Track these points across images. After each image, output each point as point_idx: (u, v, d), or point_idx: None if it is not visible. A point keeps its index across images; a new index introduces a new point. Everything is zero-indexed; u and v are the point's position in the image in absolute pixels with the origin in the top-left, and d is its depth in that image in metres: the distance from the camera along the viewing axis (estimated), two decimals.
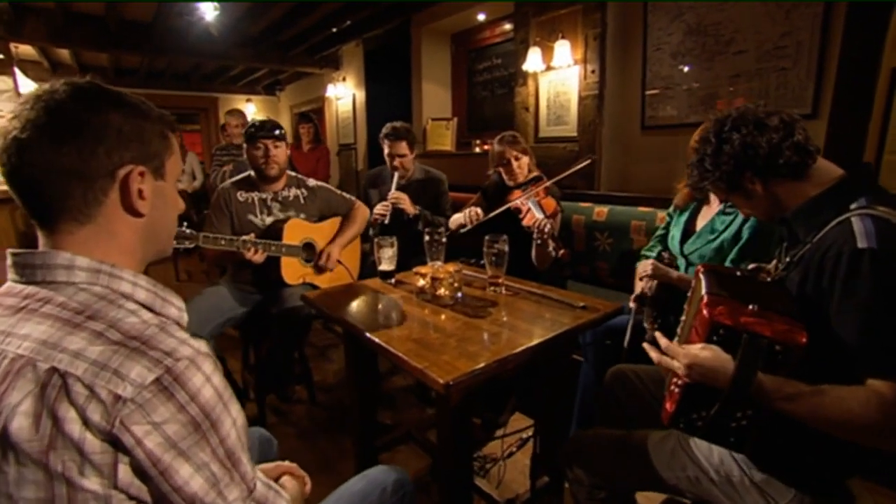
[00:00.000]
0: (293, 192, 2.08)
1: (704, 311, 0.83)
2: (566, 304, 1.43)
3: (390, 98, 4.59)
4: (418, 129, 4.18)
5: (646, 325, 1.41)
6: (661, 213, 2.16)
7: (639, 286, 1.54)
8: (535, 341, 1.20)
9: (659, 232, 1.78)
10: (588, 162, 1.97)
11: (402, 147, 2.40)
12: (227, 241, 1.82)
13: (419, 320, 1.33)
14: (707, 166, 0.97)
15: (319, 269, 2.07)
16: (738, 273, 0.96)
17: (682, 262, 1.60)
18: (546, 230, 1.74)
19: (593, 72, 2.64)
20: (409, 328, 1.29)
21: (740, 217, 1.46)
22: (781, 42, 2.05)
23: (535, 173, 2.18)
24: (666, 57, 2.44)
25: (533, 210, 1.92)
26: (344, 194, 2.26)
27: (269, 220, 2.05)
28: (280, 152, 2.01)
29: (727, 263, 1.45)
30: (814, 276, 0.84)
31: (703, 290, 0.86)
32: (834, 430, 0.79)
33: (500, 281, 1.56)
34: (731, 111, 0.97)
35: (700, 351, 0.84)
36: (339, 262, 2.14)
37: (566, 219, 2.39)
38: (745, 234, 1.44)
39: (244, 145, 2.06)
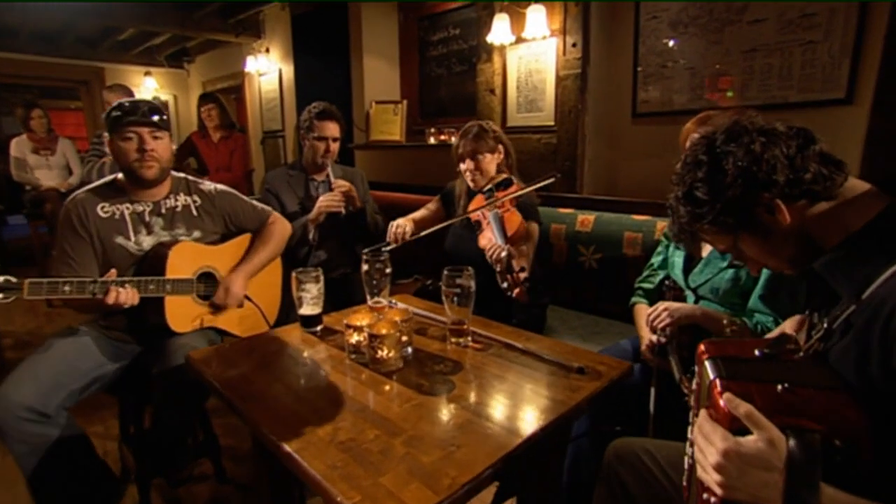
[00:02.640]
0: (181, 200, 1.84)
1: (720, 402, 0.73)
2: (556, 366, 1.28)
3: (325, 75, 4.40)
4: (359, 114, 4.11)
5: (682, 385, 1.26)
6: (662, 223, 2.11)
7: (647, 335, 1.47)
8: (517, 441, 0.98)
9: (656, 257, 1.75)
10: (551, 180, 1.81)
11: (335, 128, 2.35)
12: (75, 287, 1.46)
13: (351, 403, 1.13)
14: (700, 198, 0.86)
15: (216, 308, 1.81)
16: (757, 352, 0.83)
17: (690, 296, 1.54)
18: (498, 258, 1.59)
19: (574, 45, 2.56)
20: (334, 421, 1.05)
21: None
22: (809, 9, 1.96)
23: (504, 175, 2.04)
24: (664, 27, 2.38)
25: (492, 226, 1.78)
26: (255, 203, 2.02)
27: (147, 241, 1.75)
28: (161, 146, 1.71)
29: (754, 301, 1.39)
30: (880, 351, 0.73)
31: (711, 376, 0.78)
32: None
33: (464, 328, 1.41)
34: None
35: (748, 444, 0.71)
36: (247, 298, 1.88)
37: (542, 230, 2.26)
38: None
39: (105, 136, 1.71)
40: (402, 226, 1.98)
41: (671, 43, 2.38)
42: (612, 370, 1.25)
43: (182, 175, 1.89)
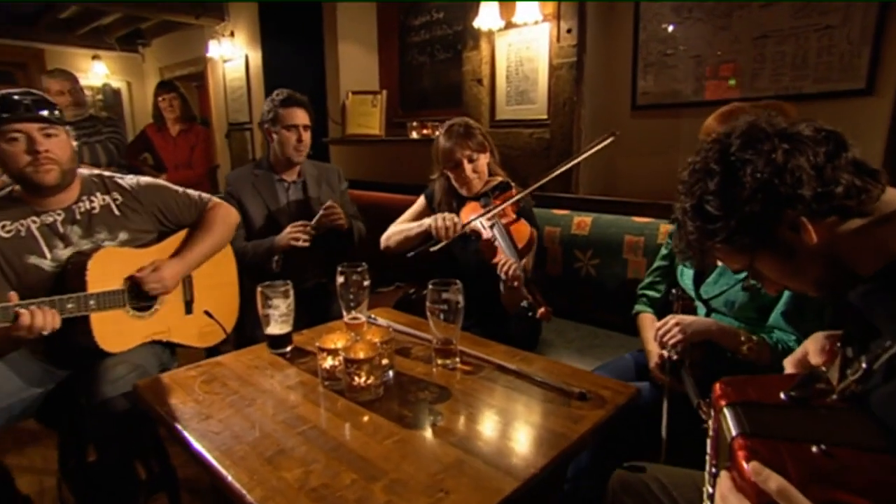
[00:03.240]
0: (98, 201, 1.73)
1: (745, 469, 0.66)
2: (555, 390, 1.25)
3: (296, 62, 4.29)
4: (335, 106, 4.06)
5: (701, 410, 1.20)
6: (665, 226, 2.10)
7: (655, 351, 1.46)
8: (513, 485, 0.93)
9: (659, 262, 1.75)
10: (609, 140, 1.81)
11: (304, 115, 2.30)
12: None
13: (324, 440, 1.07)
14: (711, 213, 0.83)
15: (142, 305, 1.71)
16: (782, 394, 0.78)
17: (701, 307, 1.54)
18: (514, 276, 1.61)
19: (569, 31, 2.54)
20: (305, 463, 1.00)
21: None
22: None
23: (500, 178, 2.03)
24: (666, 11, 2.36)
25: (497, 241, 1.78)
26: (191, 192, 1.93)
27: (66, 253, 1.65)
28: (57, 144, 1.60)
29: (775, 318, 1.38)
30: None
31: (733, 431, 0.72)
32: None
33: (452, 348, 1.38)
34: (733, 126, 0.86)
35: None
36: (206, 314, 1.83)
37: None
38: None
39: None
40: (450, 218, 1.85)
41: (674, 29, 2.37)
42: (618, 395, 1.22)
43: (94, 172, 1.81)
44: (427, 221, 1.90)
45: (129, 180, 1.83)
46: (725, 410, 0.76)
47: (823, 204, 0.77)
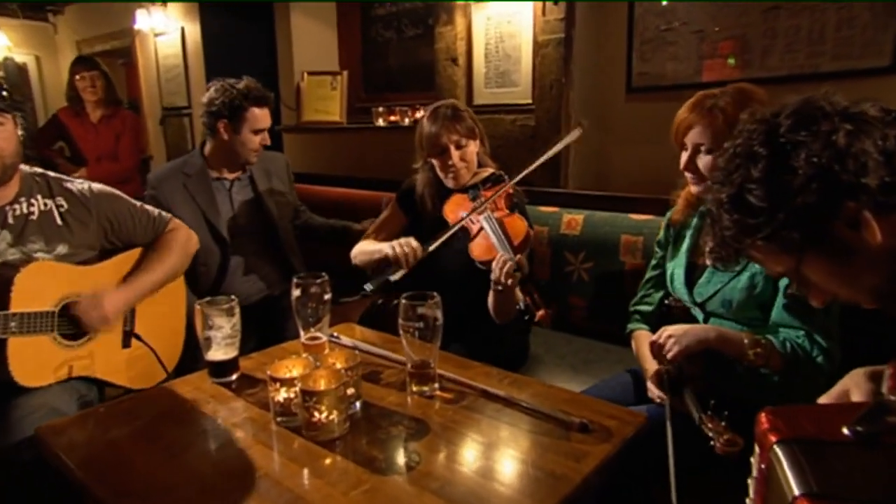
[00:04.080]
0: (38, 205, 1.71)
1: None
2: (552, 420, 1.22)
3: (242, 37, 4.27)
4: (288, 88, 4.04)
5: (704, 426, 1.23)
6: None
7: (652, 368, 1.49)
8: None
9: (650, 273, 1.77)
10: (577, 134, 1.85)
11: (268, 113, 2.29)
12: None
13: (278, 491, 1.02)
14: (754, 204, 0.82)
15: (72, 333, 1.67)
16: (846, 430, 0.73)
17: (697, 313, 1.56)
18: (509, 274, 1.62)
19: (556, 3, 2.54)
20: None
21: None
22: None
23: (491, 170, 2.05)
24: None
25: (489, 237, 1.78)
26: (148, 208, 1.92)
27: None
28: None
29: (778, 313, 1.39)
30: None
31: (795, 490, 0.66)
32: None
33: (430, 372, 1.36)
34: (781, 104, 0.85)
35: None
36: (136, 337, 1.78)
37: None
38: None
39: None
40: (407, 244, 1.84)
41: (677, 1, 2.38)
42: (625, 426, 1.20)
43: (38, 171, 1.76)
44: (384, 250, 1.91)
45: (78, 185, 1.79)
46: (778, 450, 0.71)
47: (892, 196, 0.75)
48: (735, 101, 1.36)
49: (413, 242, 1.85)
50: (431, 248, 1.83)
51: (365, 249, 2.04)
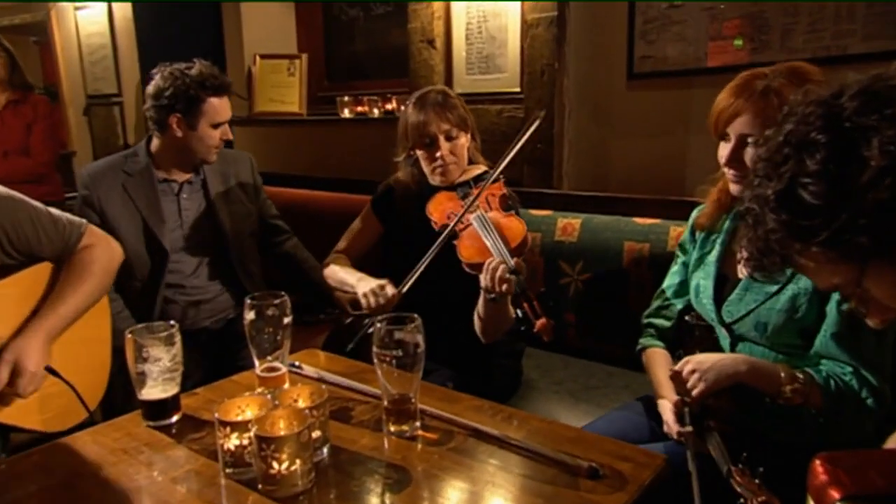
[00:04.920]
0: None
1: None
2: (555, 465, 1.21)
3: (181, 14, 4.21)
4: (237, 74, 3.98)
5: (733, 480, 1.20)
6: (678, 228, 2.14)
7: (669, 401, 1.48)
8: None
9: (670, 279, 1.77)
10: (535, 125, 1.92)
11: (228, 103, 2.29)
12: None
13: None
14: (810, 202, 0.82)
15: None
16: None
17: (723, 335, 1.56)
18: (504, 279, 1.64)
19: None
20: None
21: None
22: None
23: (483, 167, 2.11)
24: None
25: (481, 237, 1.81)
26: (57, 213, 1.88)
27: None
28: None
29: (824, 343, 1.38)
30: None
31: None
32: None
33: (410, 408, 1.34)
34: (842, 84, 0.85)
35: None
36: (50, 371, 1.74)
37: None
38: None
39: None
40: (381, 293, 1.87)
41: None
42: (642, 469, 1.18)
43: None
44: (357, 290, 1.94)
45: None
46: None
47: None
48: (791, 83, 1.34)
49: (388, 289, 1.88)
50: (406, 287, 1.87)
51: (338, 277, 2.08)
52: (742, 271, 1.53)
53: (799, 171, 0.83)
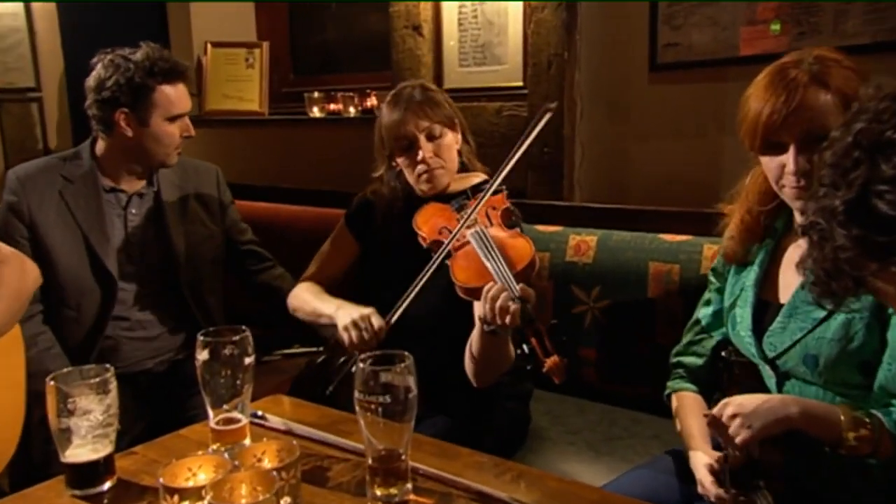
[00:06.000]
0: None
1: None
2: None
3: None
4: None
5: None
6: (712, 246, 2.13)
7: (706, 455, 1.49)
8: None
9: (703, 308, 1.77)
10: (546, 117, 1.93)
11: (186, 92, 2.31)
12: None
13: None
14: (887, 214, 0.83)
15: None
16: None
17: (767, 373, 1.55)
18: (506, 309, 1.62)
19: None
20: None
21: None
22: None
23: (483, 175, 2.13)
24: None
25: (479, 257, 1.79)
26: None
27: None
28: None
29: (889, 376, 1.37)
30: None
31: None
32: None
33: (399, 466, 1.32)
34: None
35: None
36: None
37: None
38: None
39: None
40: (366, 325, 1.87)
41: None
42: None
43: None
44: (337, 321, 1.94)
45: None
46: None
47: None
48: (857, 74, 1.35)
49: (375, 320, 1.86)
50: (394, 318, 1.87)
51: (308, 307, 2.09)
52: (784, 295, 1.53)
53: (872, 177, 0.84)
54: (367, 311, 1.90)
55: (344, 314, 1.91)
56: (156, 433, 1.61)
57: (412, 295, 1.88)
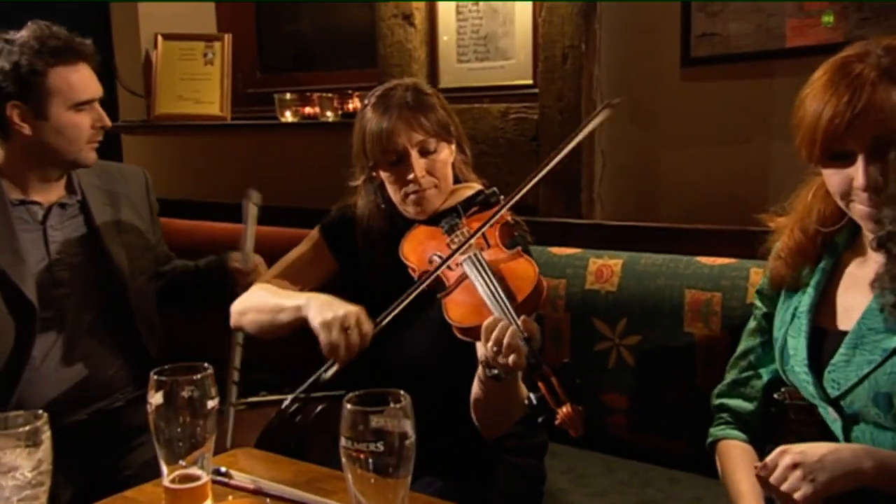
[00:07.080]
0: None
1: None
2: None
3: None
4: (129, 62, 4.11)
5: None
6: (758, 270, 2.13)
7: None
8: None
9: (750, 340, 1.78)
10: (604, 114, 1.93)
11: (90, 74, 2.29)
12: None
13: None
14: None
15: None
16: None
17: (831, 417, 1.56)
18: (514, 345, 1.60)
19: None
20: None
21: None
22: None
23: (477, 186, 2.15)
24: None
25: (477, 290, 1.79)
26: None
27: None
28: None
29: None
30: None
31: None
32: None
33: None
34: None
35: None
36: None
37: None
38: None
39: None
40: (356, 322, 1.83)
41: None
42: None
43: None
44: (307, 311, 1.90)
45: None
46: None
47: None
48: None
49: (364, 321, 1.85)
50: (384, 322, 1.85)
51: (261, 303, 2.05)
52: (844, 321, 1.53)
53: None
54: (353, 308, 1.85)
55: (321, 307, 1.87)
56: (92, 497, 1.60)
57: (405, 302, 1.86)
